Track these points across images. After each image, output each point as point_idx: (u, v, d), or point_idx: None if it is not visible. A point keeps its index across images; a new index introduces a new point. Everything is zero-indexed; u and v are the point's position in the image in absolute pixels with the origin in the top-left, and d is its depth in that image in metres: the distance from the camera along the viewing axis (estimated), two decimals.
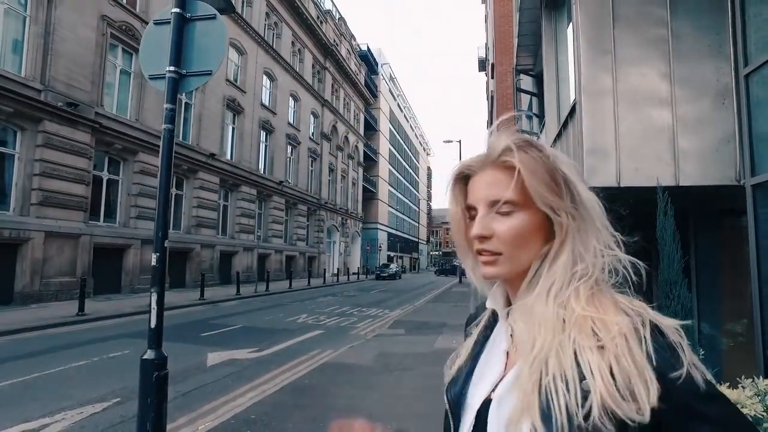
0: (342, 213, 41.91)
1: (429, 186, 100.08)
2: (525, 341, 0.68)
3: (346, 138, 43.14)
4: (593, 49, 3.75)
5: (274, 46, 28.43)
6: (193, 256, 20.40)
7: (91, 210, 15.11)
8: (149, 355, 2.60)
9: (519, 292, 0.74)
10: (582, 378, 0.62)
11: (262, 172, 27.03)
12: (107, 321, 10.79)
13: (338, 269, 36.83)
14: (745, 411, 2.44)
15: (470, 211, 0.76)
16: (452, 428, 0.76)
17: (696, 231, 4.74)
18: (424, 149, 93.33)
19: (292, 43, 31.49)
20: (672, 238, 3.22)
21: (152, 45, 2.84)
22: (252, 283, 21.86)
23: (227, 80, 23.24)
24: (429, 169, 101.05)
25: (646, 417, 0.59)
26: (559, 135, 4.97)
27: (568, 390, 0.61)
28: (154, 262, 2.59)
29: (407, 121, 74.82)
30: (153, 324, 2.58)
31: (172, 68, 2.68)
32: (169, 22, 2.73)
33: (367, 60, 51.48)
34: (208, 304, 15.18)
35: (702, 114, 3.57)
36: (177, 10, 2.71)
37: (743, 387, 2.62)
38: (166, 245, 2.64)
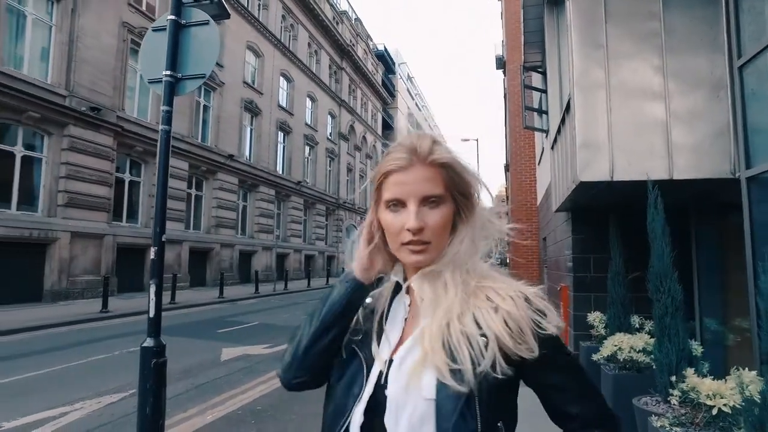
0: (361, 212, 42.12)
1: None
2: (428, 306, 0.81)
3: (364, 138, 43.32)
4: (586, 43, 3.76)
5: (291, 48, 28.75)
6: (213, 256, 20.83)
7: (114, 211, 15.60)
8: (148, 342, 2.76)
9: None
10: (482, 334, 0.77)
11: (280, 173, 27.37)
12: (129, 318, 11.13)
13: None
14: (722, 401, 2.45)
15: (390, 204, 0.83)
16: (360, 383, 0.82)
17: (697, 225, 4.69)
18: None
19: (309, 44, 31.79)
20: (662, 231, 3.23)
21: (150, 50, 3.00)
22: (271, 282, 22.19)
23: (245, 82, 23.63)
24: None
25: (536, 352, 0.76)
26: (558, 131, 4.97)
27: (470, 344, 0.76)
28: (152, 256, 2.74)
29: (425, 120, 74.64)
30: (152, 314, 2.73)
31: (168, 72, 2.83)
32: (166, 29, 2.88)
33: (384, 60, 51.53)
34: (227, 302, 15.49)
35: (696, 107, 3.55)
36: (172, 17, 2.86)
37: (725, 379, 2.64)
38: (163, 240, 2.79)
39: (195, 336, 9.03)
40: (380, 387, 0.79)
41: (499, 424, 0.76)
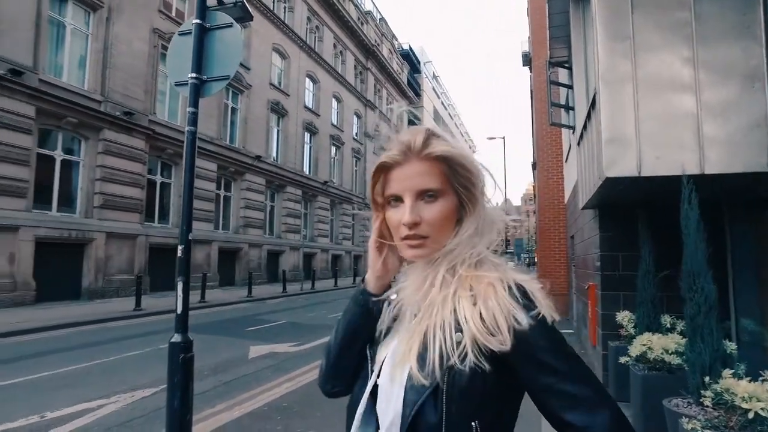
0: None
1: None
2: (413, 298, 0.80)
3: (389, 138, 43.30)
4: (611, 36, 3.66)
5: (316, 49, 29.02)
6: (241, 256, 21.21)
7: (146, 212, 16.09)
8: (176, 338, 2.84)
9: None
10: (457, 326, 0.74)
11: (306, 173, 27.68)
12: (161, 316, 11.45)
13: None
14: (760, 405, 2.36)
15: (390, 200, 0.84)
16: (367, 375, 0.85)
17: (731, 221, 4.51)
18: (469, 147, 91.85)
19: (334, 45, 32.01)
20: (696, 227, 3.12)
21: (177, 54, 3.10)
22: (298, 281, 22.44)
23: (271, 84, 23.97)
24: None
25: (508, 345, 0.71)
26: (584, 127, 4.87)
27: (443, 335, 0.74)
28: (179, 254, 2.82)
29: (451, 119, 74.06)
30: (179, 310, 2.81)
31: (193, 75, 2.91)
32: (191, 33, 2.96)
33: (410, 59, 51.42)
34: (255, 301, 15.76)
35: (729, 98, 3.41)
36: (198, 21, 2.94)
37: (762, 380, 2.53)
38: (190, 238, 2.86)
39: (223, 334, 9.23)
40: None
41: (473, 423, 0.72)
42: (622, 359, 3.79)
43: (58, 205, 13.47)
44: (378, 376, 0.81)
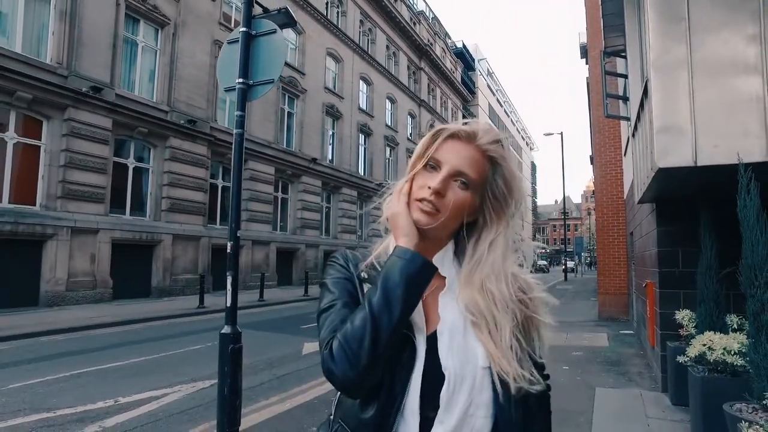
0: None
1: (533, 182, 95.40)
2: (484, 313, 0.84)
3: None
4: (665, 18, 3.46)
5: (369, 52, 29.34)
6: (298, 256, 21.84)
7: (208, 214, 16.96)
8: (226, 330, 3.01)
9: (460, 259, 0.92)
10: (530, 339, 0.88)
11: (361, 174, 28.04)
12: (222, 313, 12.00)
13: None
14: None
15: (428, 163, 0.87)
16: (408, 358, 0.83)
17: None
18: (527, 144, 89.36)
19: (387, 47, 32.22)
20: (756, 218, 2.92)
21: (226, 61, 3.29)
22: None
23: (326, 88, 24.51)
24: (533, 164, 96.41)
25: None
26: (638, 117, 4.63)
27: (520, 345, 0.84)
28: (228, 250, 2.99)
29: (507, 116, 72.39)
30: (229, 303, 2.97)
31: (241, 80, 3.08)
32: (239, 41, 3.14)
33: (463, 57, 50.81)
34: (311, 300, 16.17)
35: None
36: (244, 29, 3.11)
37: None
38: (238, 235, 3.03)
39: (280, 331, 9.57)
40: (431, 360, 0.81)
41: None
42: (680, 359, 3.58)
43: (130, 209, 14.52)
44: (435, 359, 0.82)
